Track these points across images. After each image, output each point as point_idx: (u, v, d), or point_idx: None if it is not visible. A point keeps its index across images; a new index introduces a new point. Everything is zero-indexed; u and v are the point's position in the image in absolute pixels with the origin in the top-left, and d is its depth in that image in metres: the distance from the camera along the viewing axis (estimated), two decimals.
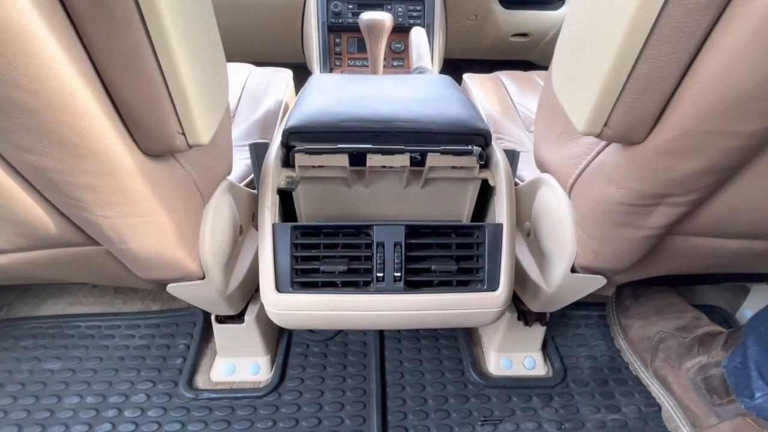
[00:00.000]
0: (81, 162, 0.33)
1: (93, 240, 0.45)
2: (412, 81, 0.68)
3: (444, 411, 0.72)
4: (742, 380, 0.59)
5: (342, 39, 1.26)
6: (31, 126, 0.30)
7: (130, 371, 0.76)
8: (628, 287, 0.83)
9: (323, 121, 0.52)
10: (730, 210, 0.44)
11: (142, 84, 0.33)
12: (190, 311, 0.85)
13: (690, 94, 0.33)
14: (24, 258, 0.47)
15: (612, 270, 0.56)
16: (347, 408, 0.72)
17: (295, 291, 0.53)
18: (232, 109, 0.93)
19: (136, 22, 0.30)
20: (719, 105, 0.32)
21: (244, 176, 0.71)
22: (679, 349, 0.69)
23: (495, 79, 1.08)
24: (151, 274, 0.52)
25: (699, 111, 0.33)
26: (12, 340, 0.81)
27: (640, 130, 0.37)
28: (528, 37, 1.39)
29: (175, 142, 0.38)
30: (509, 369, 0.78)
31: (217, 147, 0.52)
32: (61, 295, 0.90)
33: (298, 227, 0.54)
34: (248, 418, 0.70)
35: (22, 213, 0.39)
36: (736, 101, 0.32)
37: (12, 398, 0.71)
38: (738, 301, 0.90)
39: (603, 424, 0.71)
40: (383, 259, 0.53)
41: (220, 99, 0.44)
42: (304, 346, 0.80)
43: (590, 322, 0.87)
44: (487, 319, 0.57)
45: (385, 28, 0.85)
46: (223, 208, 0.55)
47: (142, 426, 0.68)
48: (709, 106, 0.33)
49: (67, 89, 0.29)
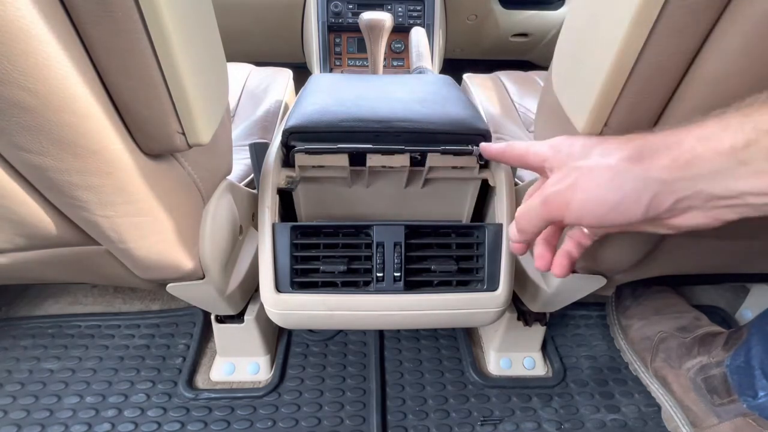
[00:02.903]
0: (81, 161, 0.33)
1: (93, 240, 0.45)
2: (412, 81, 0.68)
3: (444, 411, 0.72)
4: (746, 379, 0.59)
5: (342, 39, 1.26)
6: (31, 125, 0.30)
7: (130, 371, 0.76)
8: (628, 287, 0.83)
9: (323, 121, 0.52)
10: None
11: (142, 84, 0.33)
12: (190, 311, 0.84)
13: (690, 94, 0.33)
14: (24, 258, 0.47)
15: (612, 270, 0.56)
16: (347, 408, 0.72)
17: (294, 291, 0.53)
18: (232, 109, 0.93)
19: (136, 22, 0.30)
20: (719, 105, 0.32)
21: (244, 176, 0.71)
22: (679, 349, 0.69)
23: (495, 79, 1.08)
24: (151, 274, 0.52)
25: (699, 111, 0.33)
26: (11, 340, 0.80)
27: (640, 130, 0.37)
28: (528, 37, 1.39)
29: (175, 142, 0.38)
30: (509, 369, 0.78)
31: (217, 147, 0.52)
32: (61, 295, 0.90)
33: (297, 227, 0.54)
34: (248, 418, 0.70)
35: (22, 213, 0.39)
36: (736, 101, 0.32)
37: (11, 398, 0.71)
38: (738, 301, 0.90)
39: (603, 424, 0.71)
40: (383, 259, 0.53)
41: (220, 99, 0.44)
42: (303, 346, 0.80)
43: (590, 322, 0.87)
44: (486, 319, 0.57)
45: (385, 28, 0.85)
46: (223, 208, 0.55)
47: (141, 426, 0.68)
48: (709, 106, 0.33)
49: (67, 89, 0.29)
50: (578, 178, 0.32)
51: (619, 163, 0.30)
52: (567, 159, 0.34)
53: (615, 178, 0.30)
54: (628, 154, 0.30)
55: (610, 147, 0.31)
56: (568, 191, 0.32)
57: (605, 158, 0.31)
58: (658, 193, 0.29)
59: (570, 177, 0.32)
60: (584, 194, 0.31)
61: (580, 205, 0.32)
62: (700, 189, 0.28)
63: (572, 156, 0.34)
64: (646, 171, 0.29)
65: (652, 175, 0.29)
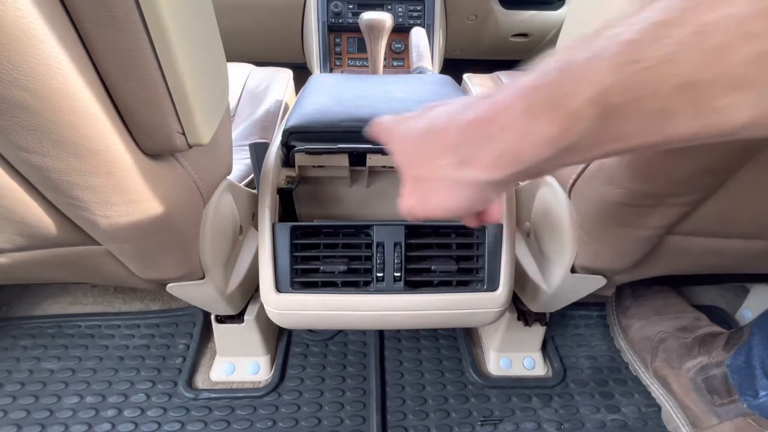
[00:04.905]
0: (81, 161, 0.33)
1: (93, 240, 0.45)
2: (412, 81, 0.68)
3: (444, 411, 0.72)
4: (746, 379, 0.59)
5: (342, 39, 1.26)
6: (31, 125, 0.30)
7: (130, 371, 0.76)
8: (628, 287, 0.83)
9: (323, 121, 0.52)
10: (730, 210, 0.44)
11: (142, 84, 0.33)
12: (190, 311, 0.84)
13: None
14: (24, 258, 0.47)
15: (612, 270, 0.56)
16: (347, 408, 0.72)
17: (294, 291, 0.53)
18: (232, 109, 0.93)
19: (137, 22, 0.30)
20: None
21: (244, 176, 0.71)
22: (679, 349, 0.69)
23: (495, 79, 1.08)
24: (151, 274, 0.52)
25: None
26: (11, 340, 0.80)
27: None
28: (528, 37, 1.39)
29: (175, 142, 0.38)
30: (509, 369, 0.78)
31: (217, 147, 0.52)
32: (61, 295, 0.90)
33: (297, 227, 0.54)
34: (248, 418, 0.70)
35: (22, 213, 0.39)
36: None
37: (11, 398, 0.71)
38: (738, 302, 0.90)
39: (603, 424, 0.71)
40: (383, 259, 0.53)
41: (220, 99, 0.44)
42: (303, 346, 0.80)
43: (590, 322, 0.87)
44: (487, 319, 0.57)
45: (385, 28, 0.85)
46: (223, 208, 0.55)
47: (141, 426, 0.68)
48: None
49: (67, 88, 0.29)
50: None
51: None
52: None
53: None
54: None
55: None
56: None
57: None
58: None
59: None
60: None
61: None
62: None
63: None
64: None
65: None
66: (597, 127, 0.20)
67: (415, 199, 0.30)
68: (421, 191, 0.29)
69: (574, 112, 0.21)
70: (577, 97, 0.20)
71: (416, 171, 0.30)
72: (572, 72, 0.20)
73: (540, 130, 0.22)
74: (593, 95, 0.20)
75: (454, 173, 0.27)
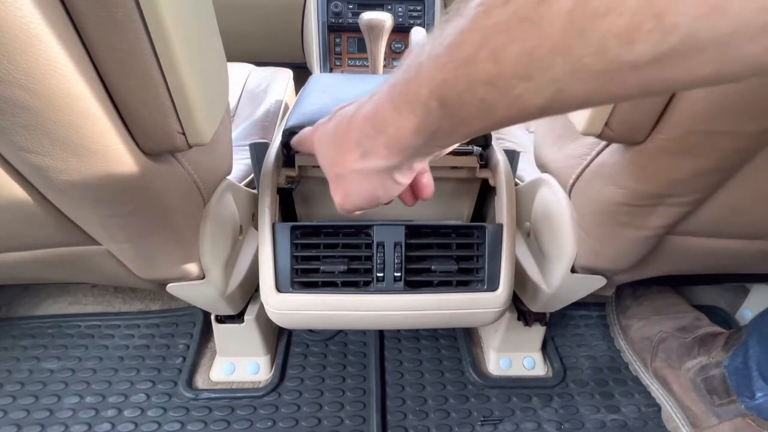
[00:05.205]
0: (81, 161, 0.33)
1: (93, 240, 0.45)
2: None
3: (444, 411, 0.72)
4: (743, 380, 0.59)
5: (342, 39, 1.26)
6: (31, 125, 0.30)
7: (130, 371, 0.76)
8: (628, 287, 0.83)
9: None
10: (730, 210, 0.44)
11: (142, 83, 0.33)
12: (190, 311, 0.84)
13: (691, 94, 0.33)
14: (24, 258, 0.47)
15: (612, 270, 0.56)
16: (347, 408, 0.72)
17: (295, 291, 0.53)
18: (232, 109, 0.93)
19: (137, 22, 0.30)
20: (720, 105, 0.32)
21: (244, 176, 0.71)
22: (679, 349, 0.69)
23: None
24: (151, 274, 0.52)
25: (700, 111, 0.33)
26: (11, 340, 0.80)
27: (640, 131, 0.37)
28: None
29: (175, 142, 0.38)
30: (509, 369, 0.78)
31: (217, 147, 0.52)
32: (61, 295, 0.90)
33: (298, 227, 0.54)
34: (248, 418, 0.70)
35: (22, 213, 0.39)
36: (736, 101, 0.32)
37: (11, 398, 0.71)
38: (738, 302, 0.90)
39: (603, 424, 0.71)
40: (383, 259, 0.53)
41: (220, 99, 0.44)
42: (303, 346, 0.80)
43: (590, 322, 0.87)
44: (487, 319, 0.57)
45: (385, 28, 0.84)
46: (223, 208, 0.55)
47: (141, 426, 0.68)
48: (710, 107, 0.33)
49: (67, 88, 0.29)
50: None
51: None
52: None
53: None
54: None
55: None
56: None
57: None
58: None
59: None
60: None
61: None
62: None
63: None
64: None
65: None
66: (444, 114, 0.24)
67: (340, 195, 0.34)
68: (343, 186, 0.33)
69: (423, 104, 0.24)
70: (423, 92, 0.24)
71: (335, 170, 0.33)
72: (419, 71, 0.24)
73: (407, 121, 0.26)
74: (432, 90, 0.23)
75: (362, 165, 0.30)
